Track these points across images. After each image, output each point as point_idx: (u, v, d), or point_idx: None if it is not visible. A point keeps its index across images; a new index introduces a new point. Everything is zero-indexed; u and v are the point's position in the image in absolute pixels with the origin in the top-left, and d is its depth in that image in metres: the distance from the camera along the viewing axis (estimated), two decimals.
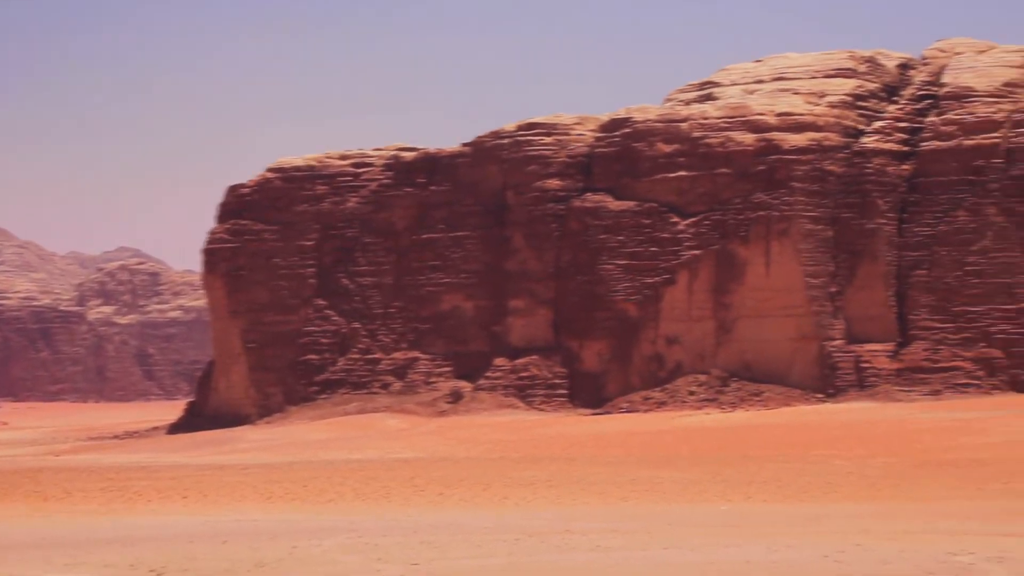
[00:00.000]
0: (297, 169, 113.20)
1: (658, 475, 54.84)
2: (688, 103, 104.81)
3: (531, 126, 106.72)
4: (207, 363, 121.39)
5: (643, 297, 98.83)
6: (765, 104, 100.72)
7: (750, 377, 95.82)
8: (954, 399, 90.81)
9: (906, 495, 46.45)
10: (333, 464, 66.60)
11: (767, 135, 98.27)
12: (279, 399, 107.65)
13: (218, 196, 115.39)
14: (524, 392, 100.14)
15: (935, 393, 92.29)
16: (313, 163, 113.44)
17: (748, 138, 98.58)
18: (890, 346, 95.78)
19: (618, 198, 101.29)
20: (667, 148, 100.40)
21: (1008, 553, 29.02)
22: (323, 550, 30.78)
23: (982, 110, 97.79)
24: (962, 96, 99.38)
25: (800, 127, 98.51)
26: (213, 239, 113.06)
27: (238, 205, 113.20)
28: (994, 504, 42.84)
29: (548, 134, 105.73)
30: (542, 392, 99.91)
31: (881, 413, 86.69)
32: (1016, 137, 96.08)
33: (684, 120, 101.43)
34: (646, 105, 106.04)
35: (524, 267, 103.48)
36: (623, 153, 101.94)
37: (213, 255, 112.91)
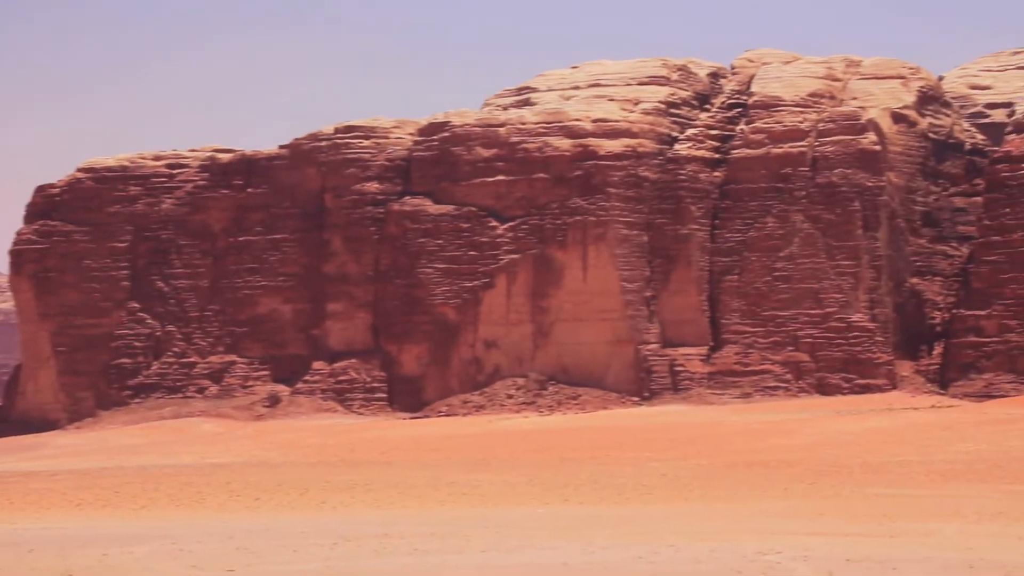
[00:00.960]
0: (109, 169, 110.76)
1: (476, 478, 55.09)
2: (506, 108, 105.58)
3: (349, 129, 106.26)
4: (14, 367, 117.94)
5: (462, 301, 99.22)
6: (581, 110, 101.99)
7: (567, 380, 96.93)
8: (763, 402, 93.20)
9: (717, 496, 47.48)
10: (146, 469, 65.36)
11: (583, 141, 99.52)
12: (90, 404, 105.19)
13: (26, 196, 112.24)
14: (343, 396, 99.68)
15: (746, 396, 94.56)
16: (126, 163, 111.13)
17: (565, 144, 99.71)
18: (703, 350, 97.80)
19: (437, 202, 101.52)
20: (486, 153, 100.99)
21: (812, 551, 29.93)
22: (136, 557, 30.22)
23: (789, 119, 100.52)
24: (770, 105, 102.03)
25: (615, 133, 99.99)
26: (20, 240, 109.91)
27: (47, 206, 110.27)
28: (800, 503, 44.08)
29: (367, 137, 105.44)
30: (361, 396, 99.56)
31: (694, 416, 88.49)
32: (821, 146, 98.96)
33: (502, 125, 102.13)
34: (465, 109, 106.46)
35: (343, 270, 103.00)
36: (442, 157, 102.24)
37: (20, 256, 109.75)
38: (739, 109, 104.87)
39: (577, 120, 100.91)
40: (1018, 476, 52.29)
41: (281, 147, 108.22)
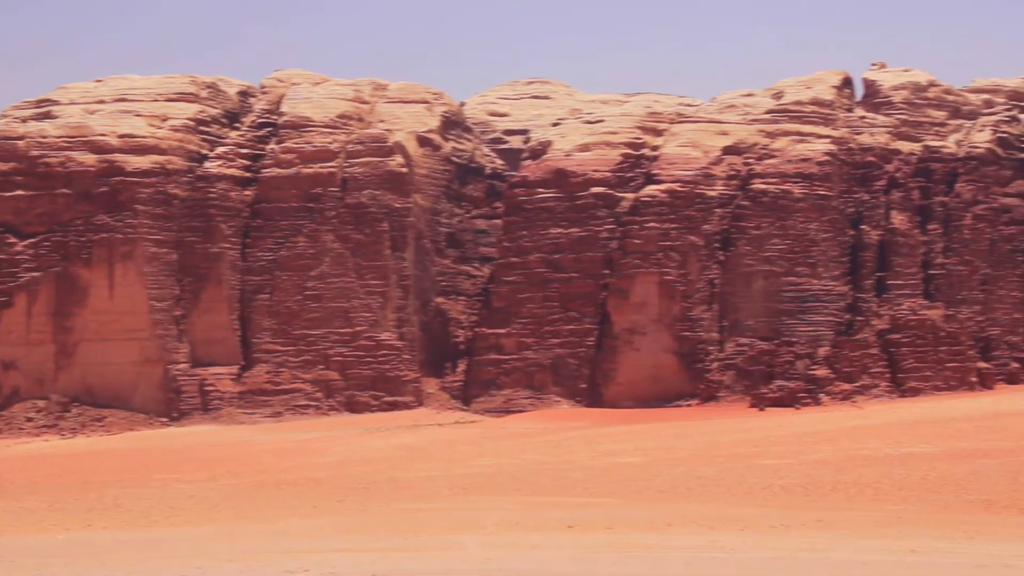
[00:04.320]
0: None
1: None
2: (25, 120, 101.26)
3: None
4: None
5: None
6: (107, 125, 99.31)
7: (92, 402, 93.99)
8: (294, 420, 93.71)
9: (246, 516, 47.32)
10: None
11: (109, 156, 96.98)
12: None
13: None
14: None
15: (276, 415, 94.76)
16: None
17: (90, 159, 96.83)
18: (234, 369, 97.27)
19: None
20: (3, 167, 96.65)
21: (339, 568, 30.39)
22: None
23: (319, 140, 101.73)
24: (300, 126, 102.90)
25: (143, 150, 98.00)
26: None
27: None
28: (329, 521, 44.60)
29: None
30: None
31: (224, 436, 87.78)
32: (350, 167, 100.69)
33: (21, 138, 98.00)
34: None
35: None
36: None
37: None
38: (269, 128, 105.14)
39: (102, 135, 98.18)
40: (534, 488, 54.91)
41: None
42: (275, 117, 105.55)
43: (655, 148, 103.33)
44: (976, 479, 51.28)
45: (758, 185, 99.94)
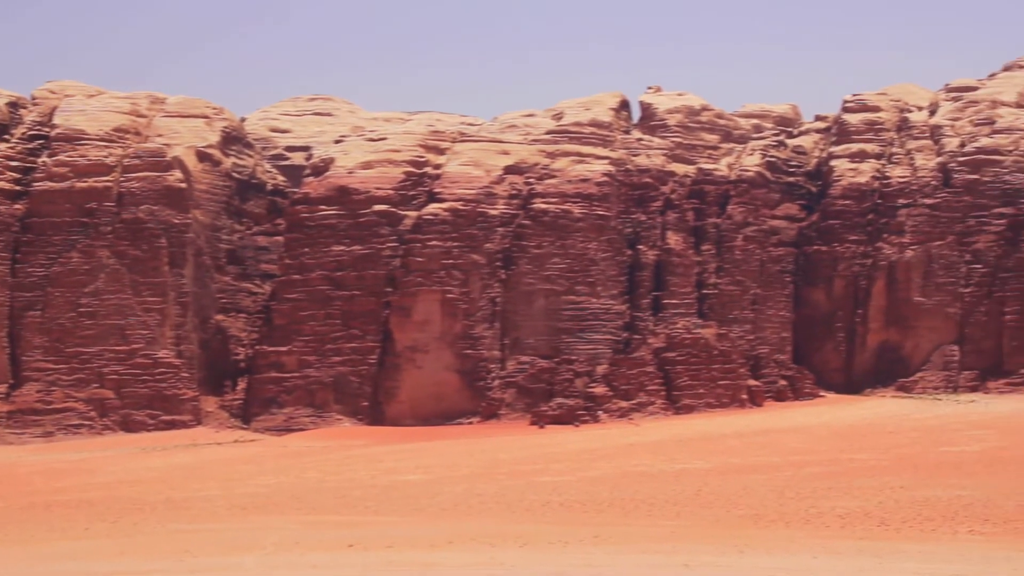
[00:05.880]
0: None
1: None
2: None
3: None
4: None
5: None
6: None
7: None
8: (66, 440, 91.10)
9: (13, 539, 45.95)
10: None
11: None
12: None
13: None
14: None
15: (48, 435, 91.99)
16: None
17: None
18: (1, 388, 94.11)
19: None
20: None
21: None
22: None
23: (94, 153, 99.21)
24: (74, 139, 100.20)
25: None
26: None
27: None
28: (101, 543, 43.57)
29: None
30: None
31: None
32: (127, 181, 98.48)
33: None
34: None
35: None
36: None
37: None
38: (41, 141, 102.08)
39: None
40: (315, 506, 54.61)
41: None
42: (47, 129, 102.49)
43: (437, 167, 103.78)
44: (746, 494, 52.90)
45: (539, 205, 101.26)
